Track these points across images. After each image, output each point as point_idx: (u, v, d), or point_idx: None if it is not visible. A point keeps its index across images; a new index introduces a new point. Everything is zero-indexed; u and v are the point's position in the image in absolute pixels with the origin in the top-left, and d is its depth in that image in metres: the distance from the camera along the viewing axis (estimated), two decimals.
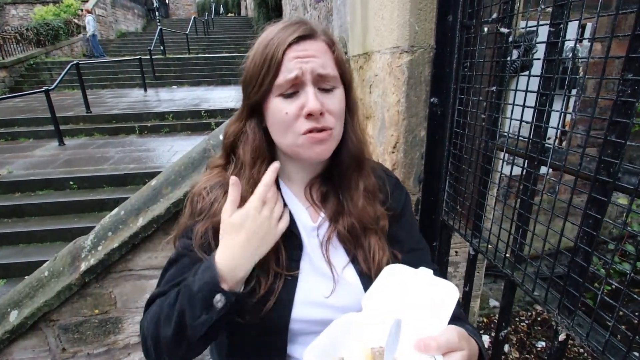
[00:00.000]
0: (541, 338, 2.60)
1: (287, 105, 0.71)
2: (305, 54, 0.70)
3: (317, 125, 0.70)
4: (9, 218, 4.71)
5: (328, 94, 0.73)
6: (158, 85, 10.90)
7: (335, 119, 0.73)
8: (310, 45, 0.71)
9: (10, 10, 15.42)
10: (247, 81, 0.75)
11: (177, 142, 6.75)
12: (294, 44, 0.69)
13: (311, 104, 0.68)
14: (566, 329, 0.75)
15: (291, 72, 0.69)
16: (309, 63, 0.69)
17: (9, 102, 8.81)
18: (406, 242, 0.86)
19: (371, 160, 0.89)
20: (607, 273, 0.96)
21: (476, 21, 1.02)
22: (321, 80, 0.71)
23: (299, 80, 0.69)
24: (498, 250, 0.98)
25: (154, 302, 0.72)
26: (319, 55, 0.71)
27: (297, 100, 0.71)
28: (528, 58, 0.87)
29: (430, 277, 0.71)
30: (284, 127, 0.72)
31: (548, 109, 0.79)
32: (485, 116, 1.00)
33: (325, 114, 0.71)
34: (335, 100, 0.73)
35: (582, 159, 0.70)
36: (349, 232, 0.78)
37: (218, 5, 25.02)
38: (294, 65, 0.69)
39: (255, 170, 0.76)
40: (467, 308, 1.24)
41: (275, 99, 0.71)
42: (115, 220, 1.91)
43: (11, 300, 1.90)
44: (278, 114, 0.72)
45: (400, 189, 0.92)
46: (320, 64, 0.70)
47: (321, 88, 0.72)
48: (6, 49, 11.21)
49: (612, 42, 0.63)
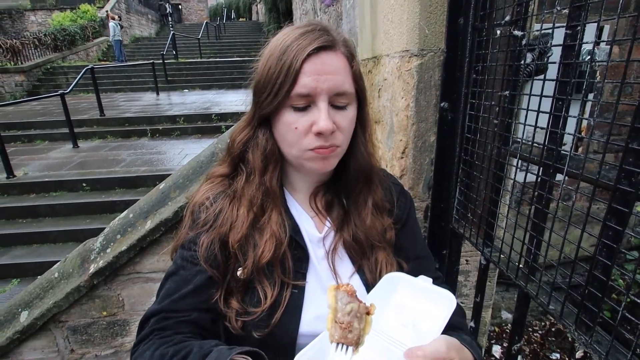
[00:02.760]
0: (555, 350, 2.52)
1: (298, 119, 0.68)
2: (324, 69, 0.66)
3: (325, 144, 0.68)
4: (23, 218, 4.82)
5: (341, 110, 0.70)
6: (170, 89, 11.08)
7: (344, 136, 0.71)
8: (329, 59, 0.67)
9: (30, 17, 15.93)
10: (260, 87, 0.71)
11: (188, 145, 6.83)
12: (313, 55, 0.66)
13: (322, 124, 0.66)
14: (584, 346, 0.71)
15: (306, 87, 0.65)
16: (327, 81, 0.66)
17: (26, 105, 9.07)
18: (410, 249, 0.85)
19: (377, 167, 0.86)
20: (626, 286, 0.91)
21: (488, 24, 0.99)
22: (336, 98, 0.68)
23: (312, 97, 0.67)
24: (511, 260, 0.95)
25: (153, 343, 0.67)
26: (338, 71, 0.68)
27: (308, 115, 0.68)
28: (543, 61, 0.84)
29: (428, 286, 0.71)
30: (292, 140, 0.70)
31: (564, 114, 0.76)
32: (498, 121, 0.97)
33: (335, 132, 0.69)
34: (347, 117, 0.71)
35: (601, 167, 0.67)
36: (355, 241, 0.77)
37: (230, 10, 25.36)
38: (310, 81, 0.65)
39: (267, 177, 0.74)
40: (478, 318, 1.20)
41: (285, 110, 0.69)
42: (124, 223, 1.92)
43: (22, 300, 1.92)
44: (287, 127, 0.69)
45: (404, 196, 0.90)
46: (338, 82, 0.67)
47: (335, 105, 0.69)
48: (25, 54, 11.57)
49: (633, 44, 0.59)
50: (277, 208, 0.75)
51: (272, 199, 0.75)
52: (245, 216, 0.73)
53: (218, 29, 18.26)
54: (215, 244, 0.72)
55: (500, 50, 0.95)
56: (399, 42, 1.23)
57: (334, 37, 0.70)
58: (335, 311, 0.59)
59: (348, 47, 0.72)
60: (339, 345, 0.58)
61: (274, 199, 0.75)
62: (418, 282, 0.73)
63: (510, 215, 0.94)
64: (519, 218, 0.90)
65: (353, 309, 0.59)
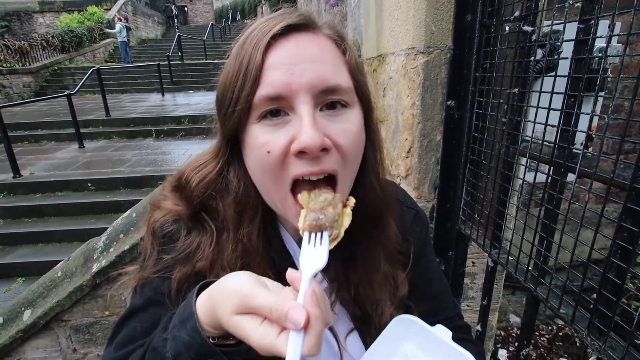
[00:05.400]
0: (563, 355, 2.47)
1: (271, 138, 0.48)
2: (299, 55, 0.47)
3: (313, 169, 0.48)
4: (29, 218, 4.86)
5: (336, 115, 0.50)
6: (175, 90, 11.15)
7: (344, 157, 0.50)
8: (306, 42, 0.49)
9: (38, 19, 16.16)
10: (219, 99, 0.53)
11: (192, 145, 6.86)
12: (281, 38, 0.48)
13: (305, 136, 0.45)
14: (597, 352, 0.68)
15: (275, 84, 0.47)
16: (306, 72, 0.47)
17: (33, 106, 9.17)
18: (425, 288, 0.72)
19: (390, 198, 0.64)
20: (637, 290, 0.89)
21: (497, 20, 0.97)
22: (325, 94, 0.48)
23: (287, 99, 0.47)
24: (519, 263, 0.92)
25: None
26: (321, 58, 0.48)
27: (285, 128, 0.48)
28: (553, 58, 0.82)
29: (446, 342, 0.60)
30: (264, 171, 0.50)
31: (577, 111, 0.73)
32: (506, 120, 0.94)
33: (330, 150, 0.48)
34: (347, 125, 0.50)
35: (615, 166, 0.64)
36: (357, 305, 0.62)
37: (235, 12, 25.47)
38: (280, 74, 0.46)
39: (243, 231, 0.55)
40: (485, 322, 1.17)
41: (254, 125, 0.49)
42: (127, 222, 1.92)
43: (25, 299, 1.92)
44: (256, 153, 0.49)
45: (419, 223, 0.74)
46: (324, 72, 0.48)
47: (326, 107, 0.49)
48: (33, 55, 11.71)
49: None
50: (261, 268, 0.56)
51: (254, 259, 0.56)
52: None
53: (223, 30, 18.38)
54: (191, 280, 0.57)
55: (509, 46, 0.93)
56: (405, 40, 1.21)
57: (313, 16, 0.52)
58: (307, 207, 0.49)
59: (334, 29, 0.54)
60: (312, 235, 0.47)
61: (256, 259, 0.56)
62: (434, 333, 0.61)
63: (518, 216, 0.92)
64: (528, 219, 0.87)
65: (327, 198, 0.49)
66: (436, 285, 0.77)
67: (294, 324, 0.37)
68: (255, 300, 0.40)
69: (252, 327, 0.40)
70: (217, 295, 0.44)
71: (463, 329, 0.78)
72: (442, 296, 0.78)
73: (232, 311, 0.41)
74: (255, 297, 0.40)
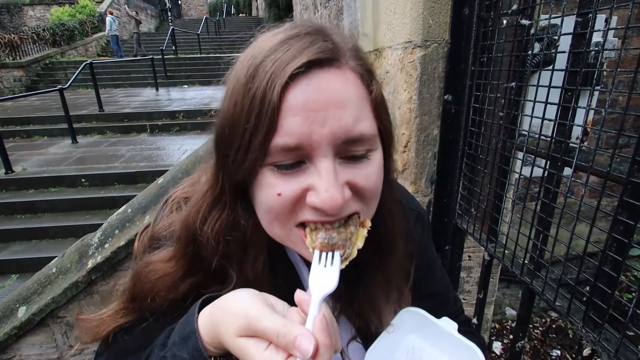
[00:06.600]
0: (556, 346, 2.51)
1: (283, 183, 0.44)
2: (321, 101, 0.41)
3: (330, 218, 0.45)
4: (22, 214, 4.81)
5: (358, 163, 0.46)
6: (169, 85, 11.04)
7: (364, 201, 0.48)
8: (330, 82, 0.42)
9: (28, 11, 15.84)
10: (223, 135, 0.46)
11: (187, 140, 6.80)
12: (301, 77, 0.41)
13: (325, 196, 0.42)
14: (592, 344, 0.69)
15: (293, 134, 0.41)
16: (328, 122, 0.41)
17: (25, 101, 9.03)
18: (427, 287, 0.71)
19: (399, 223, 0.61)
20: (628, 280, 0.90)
21: (494, 13, 0.96)
22: (347, 145, 0.44)
23: (305, 149, 0.43)
24: (515, 256, 0.93)
25: None
26: (346, 102, 0.43)
27: (299, 175, 0.44)
28: (551, 51, 0.81)
29: (453, 334, 0.60)
30: (273, 214, 0.46)
31: (574, 105, 0.73)
32: (504, 114, 0.94)
33: (350, 200, 0.45)
34: (368, 170, 0.46)
35: (612, 160, 0.65)
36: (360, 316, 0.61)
37: (229, 6, 25.23)
38: (299, 123, 0.41)
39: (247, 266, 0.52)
40: (481, 315, 1.18)
41: (265, 168, 0.45)
42: (123, 218, 1.90)
43: (20, 296, 1.91)
44: (264, 192, 0.45)
45: (421, 225, 0.73)
46: (347, 121, 0.42)
47: (348, 156, 0.45)
48: (23, 49, 11.51)
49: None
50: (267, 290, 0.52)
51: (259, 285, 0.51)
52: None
53: (218, 24, 18.16)
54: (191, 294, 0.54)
55: (507, 40, 0.92)
56: (402, 33, 1.21)
57: (336, 42, 0.45)
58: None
59: (360, 59, 0.47)
60: (322, 254, 0.45)
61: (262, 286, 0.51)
62: (440, 325, 0.61)
63: (515, 210, 0.92)
64: (524, 213, 0.88)
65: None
66: (438, 284, 0.77)
67: (301, 353, 0.35)
68: (261, 323, 0.38)
69: (256, 351, 0.38)
70: (220, 314, 0.42)
71: (464, 322, 0.78)
72: (443, 294, 0.78)
73: (236, 333, 0.39)
74: (261, 321, 0.38)
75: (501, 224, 1.03)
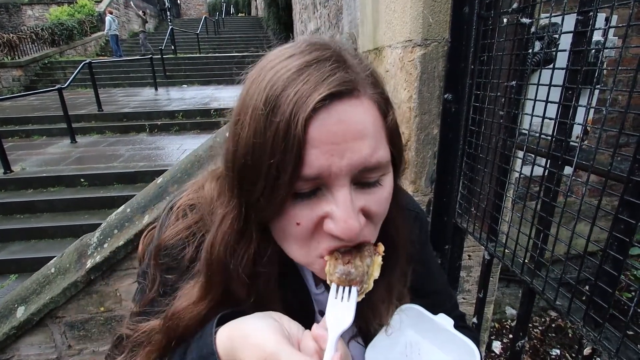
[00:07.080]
0: (556, 346, 2.51)
1: (300, 212, 0.45)
2: (341, 134, 0.42)
3: (348, 244, 0.47)
4: (21, 214, 4.80)
5: (372, 188, 0.47)
6: (169, 84, 11.02)
7: (376, 223, 0.50)
8: (350, 114, 0.42)
9: (27, 11, 15.80)
10: (244, 168, 0.45)
11: (187, 140, 6.79)
12: (321, 110, 0.41)
13: (343, 226, 0.43)
14: (592, 343, 0.69)
15: (313, 166, 0.42)
16: (347, 154, 0.42)
17: (23, 100, 9.02)
18: (424, 286, 0.72)
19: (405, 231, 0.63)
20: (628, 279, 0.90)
21: (494, 12, 0.96)
22: (363, 173, 0.45)
23: (324, 179, 0.43)
24: (516, 255, 0.93)
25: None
26: (364, 134, 0.43)
27: (315, 203, 0.45)
28: (551, 50, 0.81)
29: (449, 330, 0.61)
30: (292, 240, 0.48)
31: (574, 104, 0.73)
32: (504, 113, 0.94)
33: (364, 227, 0.47)
34: (381, 195, 0.48)
35: (613, 159, 0.65)
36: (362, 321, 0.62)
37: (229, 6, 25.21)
38: (319, 156, 0.41)
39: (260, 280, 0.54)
40: (481, 314, 1.18)
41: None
42: (122, 218, 1.90)
43: (18, 296, 1.90)
44: (286, 223, 0.47)
45: (418, 225, 0.74)
46: (365, 152, 0.43)
47: (362, 182, 0.46)
48: (22, 49, 11.48)
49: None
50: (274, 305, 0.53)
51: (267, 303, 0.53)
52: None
53: (217, 24, 18.13)
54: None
55: (507, 39, 0.92)
56: (402, 32, 1.20)
57: (355, 71, 0.45)
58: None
59: (378, 86, 0.47)
60: (339, 288, 0.47)
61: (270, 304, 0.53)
62: (437, 321, 0.62)
63: (515, 209, 0.92)
64: (525, 212, 0.88)
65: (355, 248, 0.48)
66: (435, 282, 0.78)
67: None
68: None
69: None
70: (239, 342, 0.43)
71: (459, 317, 0.79)
72: (440, 292, 0.79)
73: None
74: (280, 358, 0.40)
75: (501, 223, 1.03)
